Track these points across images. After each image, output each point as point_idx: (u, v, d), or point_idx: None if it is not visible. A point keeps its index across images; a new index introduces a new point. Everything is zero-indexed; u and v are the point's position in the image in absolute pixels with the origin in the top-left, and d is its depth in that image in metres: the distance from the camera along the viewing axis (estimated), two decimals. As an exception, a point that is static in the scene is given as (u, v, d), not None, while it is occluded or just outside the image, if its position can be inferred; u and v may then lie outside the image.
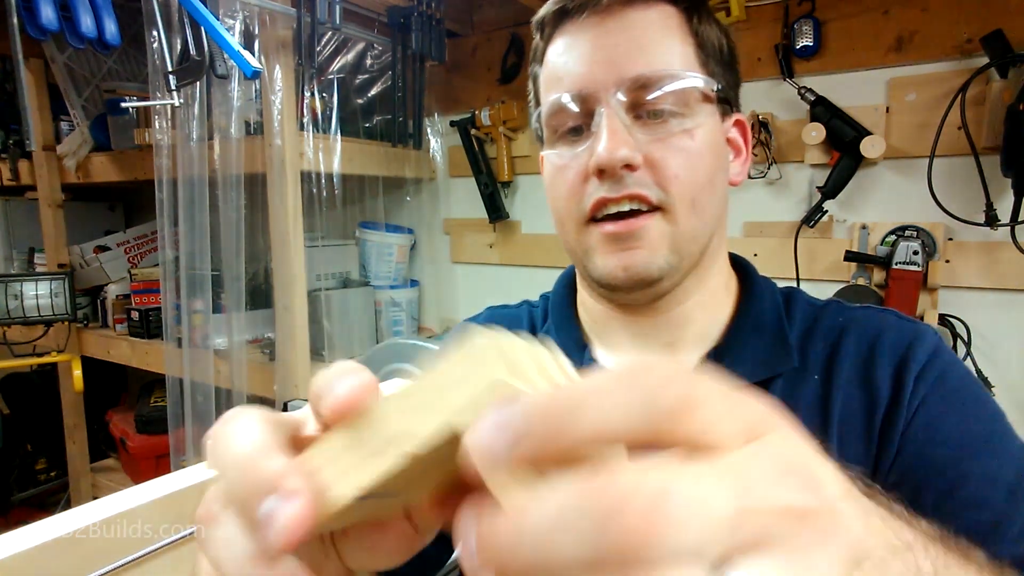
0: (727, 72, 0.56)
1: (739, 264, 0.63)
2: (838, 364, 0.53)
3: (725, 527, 0.15)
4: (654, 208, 0.51)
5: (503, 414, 0.17)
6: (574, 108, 0.53)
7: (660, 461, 0.16)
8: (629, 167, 0.50)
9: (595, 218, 0.52)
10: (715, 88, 0.53)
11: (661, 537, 0.14)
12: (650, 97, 0.51)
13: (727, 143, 0.58)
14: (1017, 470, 0.49)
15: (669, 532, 0.14)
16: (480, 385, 0.19)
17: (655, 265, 0.51)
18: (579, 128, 0.54)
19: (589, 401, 0.16)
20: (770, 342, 0.55)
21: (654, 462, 0.16)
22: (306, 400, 0.25)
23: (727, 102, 0.56)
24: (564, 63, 0.54)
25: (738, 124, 0.59)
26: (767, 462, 0.17)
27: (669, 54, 0.52)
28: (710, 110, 0.54)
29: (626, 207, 0.51)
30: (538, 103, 0.59)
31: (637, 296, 0.55)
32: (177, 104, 1.25)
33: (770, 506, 0.16)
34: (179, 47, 1.21)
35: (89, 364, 1.91)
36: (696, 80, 0.52)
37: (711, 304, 0.58)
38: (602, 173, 0.50)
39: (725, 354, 0.56)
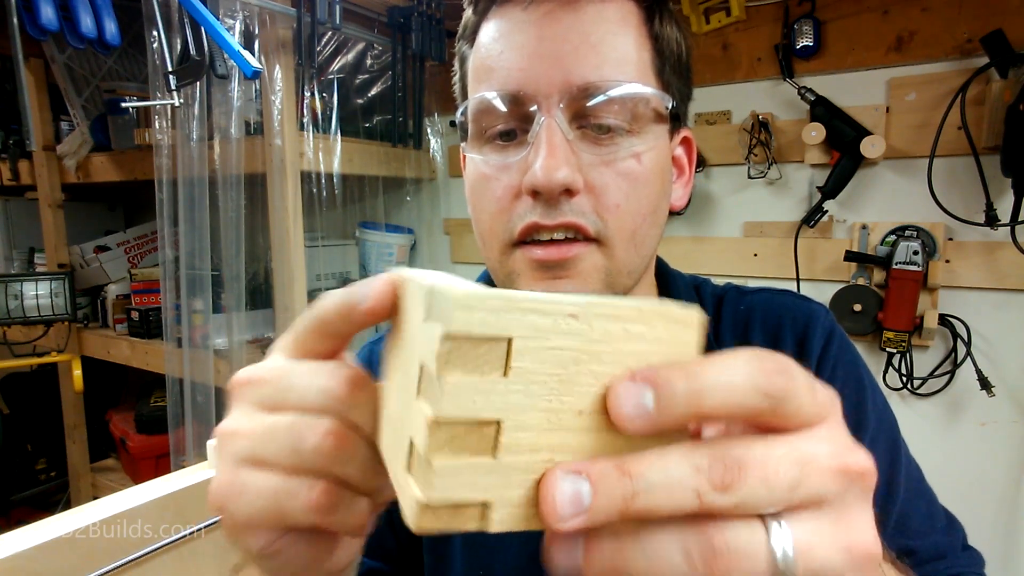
0: (681, 82, 0.50)
1: (656, 265, 0.59)
2: None
3: (786, 487, 0.19)
4: (590, 239, 0.45)
5: (651, 382, 0.20)
6: (507, 109, 0.45)
7: (748, 435, 0.21)
8: (568, 192, 0.43)
9: (523, 240, 0.46)
10: (669, 105, 0.47)
11: (738, 490, 0.19)
12: (596, 107, 0.44)
13: (672, 163, 0.52)
14: (890, 460, 0.51)
15: (743, 487, 0.19)
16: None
17: None
18: (511, 132, 0.46)
19: (721, 380, 0.19)
20: None
21: (745, 436, 0.21)
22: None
23: (677, 118, 0.50)
24: (500, 52, 0.45)
25: (684, 142, 0.53)
26: (831, 440, 0.21)
27: (625, 60, 0.45)
28: (661, 129, 0.47)
29: (560, 235, 0.44)
30: (464, 92, 0.51)
31: None
32: (177, 104, 1.25)
33: (830, 466, 0.20)
34: (179, 47, 1.21)
35: (89, 364, 1.91)
36: (652, 95, 0.46)
37: None
38: (537, 194, 0.43)
39: None
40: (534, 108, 0.44)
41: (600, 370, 0.20)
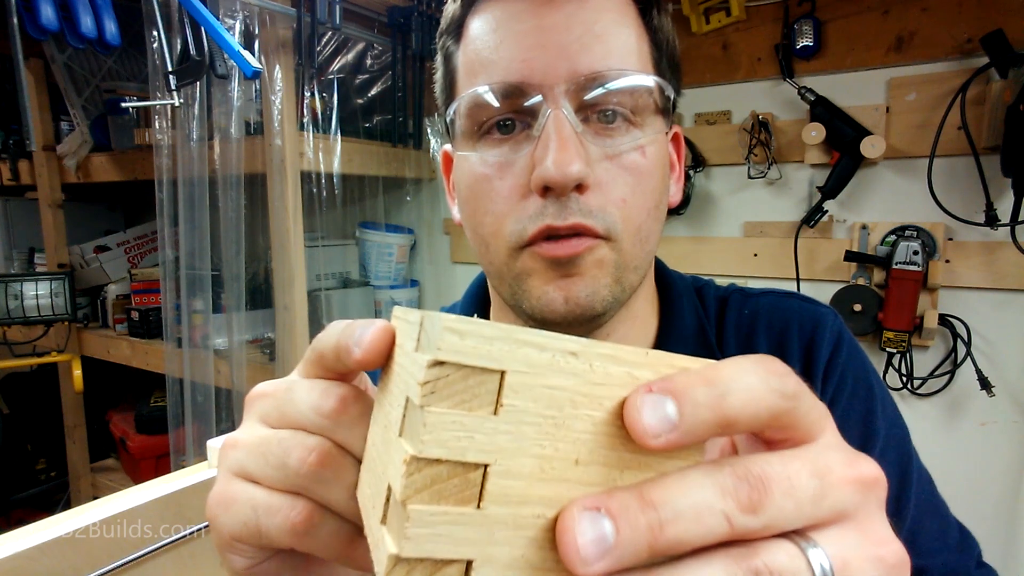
0: (675, 77, 0.49)
1: (655, 267, 0.58)
2: None
3: (810, 501, 0.19)
4: (599, 236, 0.43)
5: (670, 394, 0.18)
6: (508, 102, 0.43)
7: (761, 452, 0.20)
8: (579, 187, 0.42)
9: (532, 240, 0.44)
10: (672, 96, 0.47)
11: (767, 509, 0.18)
12: (603, 98, 0.42)
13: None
14: (900, 474, 0.50)
15: (771, 505, 0.18)
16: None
17: (599, 297, 0.43)
18: (509, 123, 0.44)
19: (738, 383, 0.19)
20: (694, 350, 0.52)
21: (758, 453, 0.20)
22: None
23: (671, 113, 0.49)
24: (497, 44, 0.43)
25: (675, 138, 0.53)
26: (840, 449, 0.21)
27: (628, 50, 0.44)
28: (660, 122, 0.46)
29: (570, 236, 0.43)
30: (451, 89, 0.48)
31: (572, 330, 0.50)
32: (177, 104, 1.24)
33: (846, 476, 0.20)
34: (179, 47, 1.21)
35: (89, 364, 1.91)
36: (657, 86, 0.45)
37: (638, 325, 0.53)
38: (547, 191, 0.41)
39: None
40: (538, 100, 0.42)
41: (598, 416, 0.19)
